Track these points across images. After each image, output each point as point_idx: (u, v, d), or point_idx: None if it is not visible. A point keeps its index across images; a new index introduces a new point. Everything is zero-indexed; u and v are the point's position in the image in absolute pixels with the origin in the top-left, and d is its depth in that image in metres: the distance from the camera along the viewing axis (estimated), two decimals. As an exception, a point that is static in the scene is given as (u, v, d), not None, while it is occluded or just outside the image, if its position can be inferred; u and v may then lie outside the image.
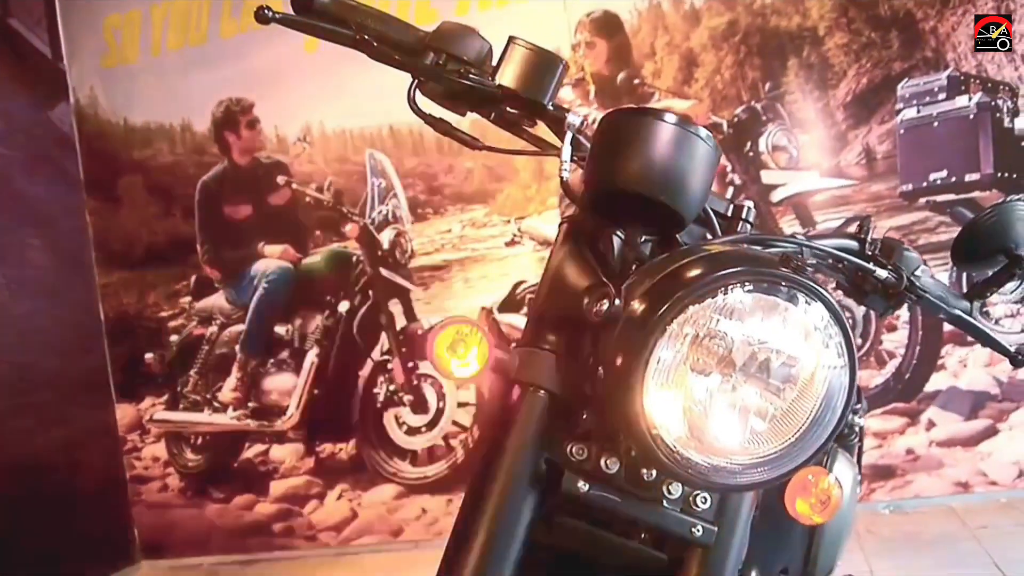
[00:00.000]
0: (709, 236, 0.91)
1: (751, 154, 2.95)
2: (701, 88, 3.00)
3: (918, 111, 2.81)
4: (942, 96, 2.78)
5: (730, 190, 2.97)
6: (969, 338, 2.81)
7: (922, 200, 2.82)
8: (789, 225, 2.93)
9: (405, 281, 3.36)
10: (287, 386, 3.51)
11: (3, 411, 3.14)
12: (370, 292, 3.39)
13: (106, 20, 3.60)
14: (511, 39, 0.94)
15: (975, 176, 2.77)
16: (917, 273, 1.01)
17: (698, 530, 0.85)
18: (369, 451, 3.41)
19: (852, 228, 1.09)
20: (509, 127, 0.98)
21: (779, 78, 2.93)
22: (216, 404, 3.59)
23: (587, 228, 0.89)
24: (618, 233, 0.87)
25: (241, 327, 3.55)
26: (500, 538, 0.82)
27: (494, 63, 0.94)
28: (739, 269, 0.75)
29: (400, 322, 3.36)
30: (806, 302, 0.75)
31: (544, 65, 0.92)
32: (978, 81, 2.76)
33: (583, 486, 0.83)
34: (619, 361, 0.76)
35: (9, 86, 3.43)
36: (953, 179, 2.79)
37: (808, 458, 0.76)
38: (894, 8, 2.83)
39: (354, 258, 3.40)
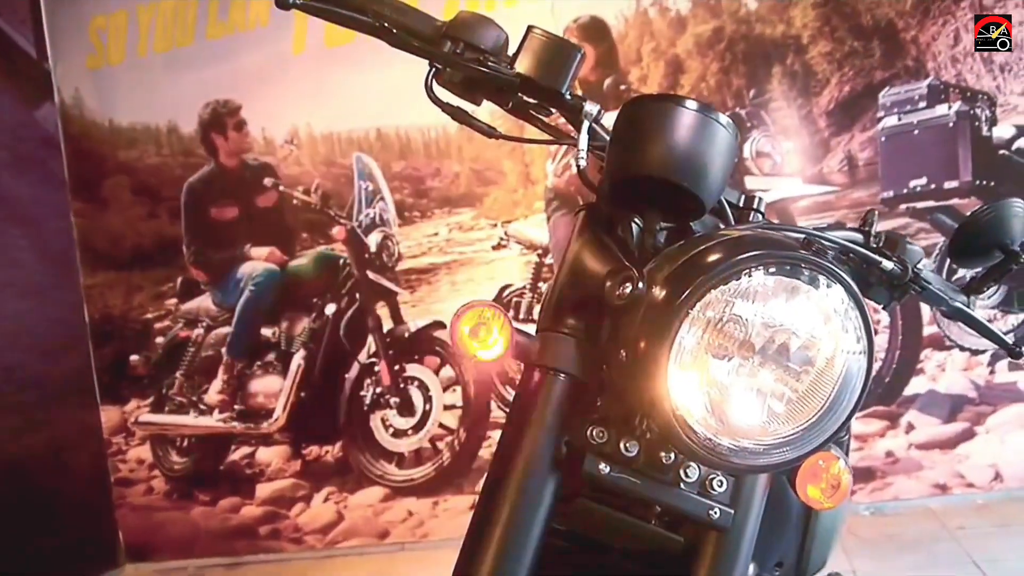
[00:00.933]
0: (722, 226, 0.94)
1: (735, 160, 3.04)
2: (687, 94, 3.08)
3: (899, 119, 2.91)
4: (922, 104, 2.89)
5: (715, 195, 3.06)
6: (947, 343, 2.92)
7: (903, 207, 2.93)
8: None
9: (392, 284, 3.44)
10: (273, 388, 3.57)
11: (-17, 413, 3.20)
12: (357, 295, 3.47)
13: (92, 21, 3.65)
14: (530, 28, 0.95)
15: (954, 183, 2.87)
16: (920, 266, 1.05)
17: (716, 513, 0.88)
18: (355, 453, 3.48)
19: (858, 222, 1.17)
20: (525, 116, 1.00)
21: (763, 85, 3.02)
22: (202, 406, 3.65)
23: (605, 216, 0.93)
24: (636, 220, 0.89)
25: (227, 329, 3.61)
26: (521, 521, 0.85)
27: (511, 53, 0.96)
28: (761, 252, 0.78)
29: (387, 325, 3.43)
30: (827, 285, 0.78)
31: (562, 54, 0.94)
32: (957, 90, 2.87)
33: (604, 468, 0.86)
34: (642, 344, 0.78)
35: (-6, 86, 3.48)
36: (933, 186, 2.90)
37: (825, 441, 0.80)
38: (876, 18, 2.93)
39: (341, 261, 3.47)
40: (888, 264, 0.97)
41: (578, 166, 0.89)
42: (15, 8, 3.59)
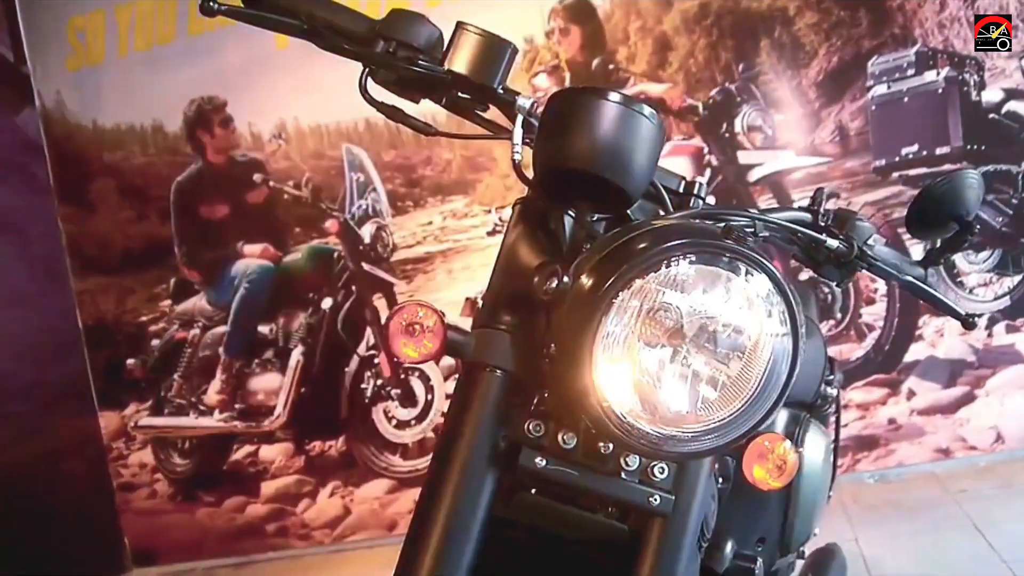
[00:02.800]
0: (662, 212, 0.97)
1: (727, 135, 3.17)
2: (675, 71, 3.20)
3: (888, 87, 3.03)
4: (911, 72, 3.00)
5: (707, 171, 3.18)
6: (945, 308, 3.03)
7: (895, 175, 3.05)
8: (766, 204, 3.15)
9: (388, 275, 3.55)
10: (273, 386, 3.69)
11: (-21, 423, 3.31)
12: (353, 287, 3.58)
13: (70, 21, 3.73)
14: (459, 24, 0.97)
15: (945, 149, 3.00)
16: (870, 242, 1.10)
17: (655, 499, 0.90)
18: (359, 447, 3.61)
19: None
20: (462, 112, 1.03)
21: (752, 59, 3.13)
22: (202, 407, 3.77)
23: (539, 209, 0.96)
24: (569, 212, 0.93)
25: (224, 328, 3.72)
26: (461, 518, 0.88)
27: (445, 49, 0.98)
28: (682, 242, 0.81)
29: (384, 316, 3.54)
30: (748, 272, 0.81)
31: (493, 50, 0.97)
32: (945, 56, 2.99)
33: (540, 461, 0.89)
34: (569, 337, 0.82)
35: (-31, 94, 3.57)
36: (924, 153, 3.02)
37: (758, 423, 0.84)
38: (862, -14, 3.05)
39: (335, 254, 3.58)
40: (833, 242, 1.03)
41: (513, 160, 0.91)
42: (-14, 12, 3.68)
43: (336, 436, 3.63)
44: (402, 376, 3.54)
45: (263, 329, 3.69)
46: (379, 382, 3.56)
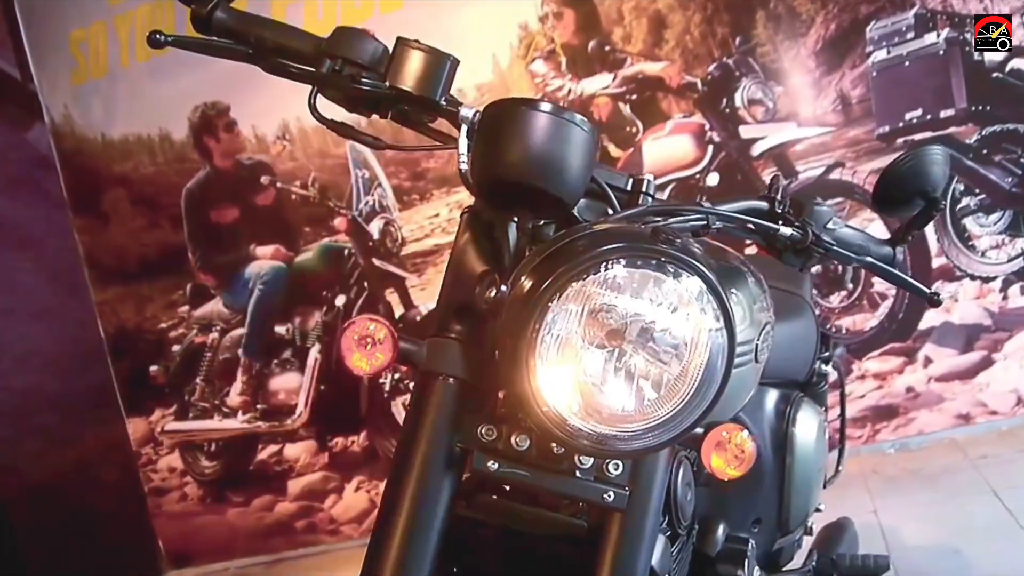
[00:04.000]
0: (610, 212, 0.99)
1: (727, 110, 3.16)
2: (672, 49, 3.20)
3: (888, 52, 3.00)
4: (910, 35, 2.97)
5: (710, 148, 3.18)
6: (957, 273, 3.03)
7: (900, 140, 3.02)
8: (770, 177, 3.14)
9: (398, 269, 3.59)
10: (293, 385, 3.75)
11: (9, 438, 3.39)
12: (365, 283, 3.63)
13: (71, 35, 3.80)
14: (399, 40, 0.99)
15: (950, 112, 2.97)
16: (830, 226, 1.11)
17: (609, 496, 0.92)
18: (381, 440, 3.66)
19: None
20: (410, 125, 1.05)
21: (748, 32, 3.12)
22: (225, 409, 3.85)
23: (485, 217, 0.97)
24: (515, 220, 0.94)
25: (241, 331, 3.79)
26: (421, 524, 0.91)
27: (387, 65, 0.99)
28: (614, 246, 0.83)
29: (398, 310, 3.59)
30: (679, 273, 0.84)
31: (434, 63, 0.97)
32: (945, 17, 2.95)
33: (492, 465, 0.91)
34: (507, 344, 0.84)
35: (-21, 112, 3.66)
36: (928, 117, 2.99)
37: (701, 416, 0.86)
38: (856, -50, 3.02)
39: (346, 251, 3.63)
40: (786, 230, 1.06)
41: (460, 169, 0.93)
42: (-8, 33, 3.76)
43: (358, 431, 3.69)
44: (419, 369, 3.57)
45: (280, 329, 3.75)
46: (397, 376, 3.60)
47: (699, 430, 0.94)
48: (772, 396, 1.58)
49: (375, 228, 3.58)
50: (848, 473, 2.96)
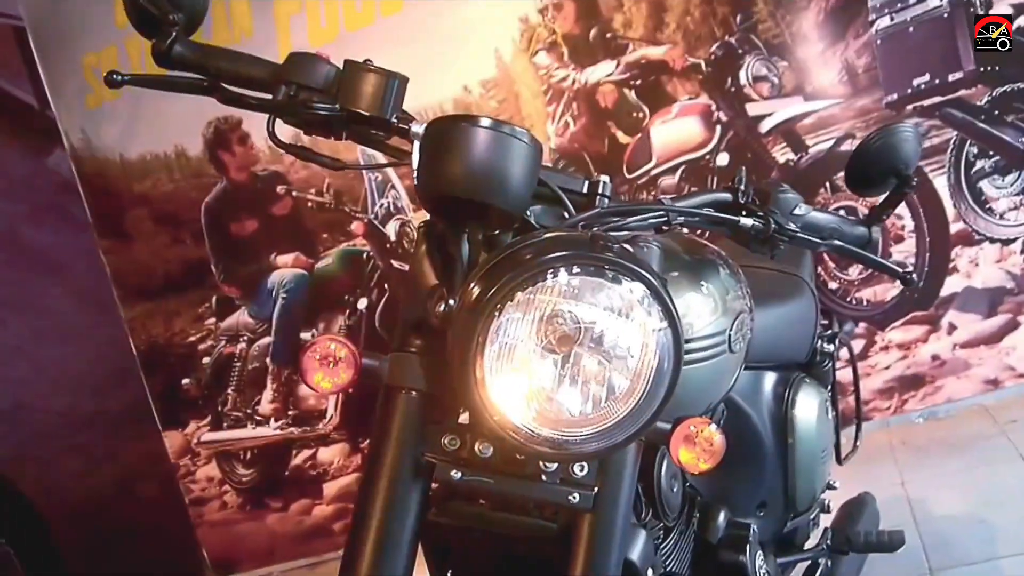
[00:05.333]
0: (566, 216, 1.00)
1: (733, 89, 3.15)
2: (673, 32, 3.19)
3: (891, 19, 2.97)
4: (913, 0, 2.94)
5: (718, 128, 3.18)
6: (976, 237, 3.01)
7: (909, 107, 2.99)
8: (782, 154, 3.13)
9: (417, 269, 3.62)
10: (322, 389, 3.80)
11: (49, 458, 3.49)
12: (385, 285, 3.67)
13: (84, 61, 3.87)
14: (347, 63, 1.02)
15: (958, 75, 2.93)
16: (797, 211, 1.13)
17: (575, 497, 0.94)
18: (411, 439, 3.70)
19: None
20: (367, 143, 1.07)
21: (749, 9, 3.09)
22: (257, 418, 3.91)
23: (439, 231, 0.99)
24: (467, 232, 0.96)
25: (268, 339, 3.85)
26: (391, 537, 0.94)
27: (337, 88, 1.02)
28: (558, 254, 0.85)
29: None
30: (621, 278, 0.86)
31: (382, 83, 1.00)
32: (947, -22, 2.92)
33: (456, 474, 0.94)
34: (457, 356, 0.86)
35: (1, 143, 3.75)
36: (937, 81, 2.95)
37: (655, 412, 0.88)
38: (851, -83, 2.99)
39: (364, 255, 3.67)
40: (747, 221, 1.08)
41: (415, 185, 0.95)
42: (7, 63, 3.84)
43: (388, 431, 3.72)
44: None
45: (305, 335, 3.81)
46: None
47: (666, 425, 0.97)
48: (770, 379, 1.59)
49: (391, 230, 3.62)
50: (876, 446, 2.98)
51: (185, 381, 3.98)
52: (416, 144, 0.97)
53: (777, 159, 3.14)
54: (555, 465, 0.94)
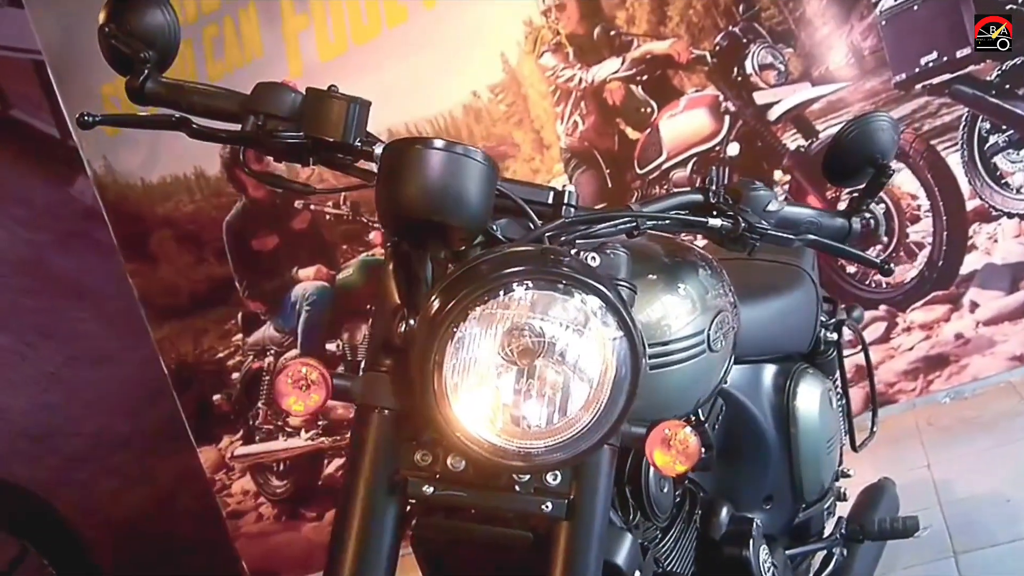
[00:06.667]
0: (532, 227, 1.01)
1: (739, 79, 3.14)
2: (677, 25, 3.19)
3: (895, -2, 2.95)
4: (916, -23, 2.92)
5: (727, 119, 3.16)
6: (994, 212, 2.97)
7: (918, 86, 2.96)
8: (792, 140, 3.12)
9: (436, 275, 3.65)
10: (349, 399, 3.85)
11: (87, 480, 3.56)
12: (406, 292, 3.70)
13: (103, 90, 3.94)
14: (308, 91, 1.04)
15: (966, 51, 2.89)
16: (771, 208, 1.12)
17: (547, 506, 0.95)
18: (440, 444, 3.73)
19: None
20: (334, 167, 1.09)
21: (751, -3, 3.09)
22: (288, 429, 3.97)
23: (403, 249, 1.00)
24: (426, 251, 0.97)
25: (295, 352, 3.90)
26: (368, 554, 0.96)
27: (300, 116, 1.04)
28: (513, 270, 0.87)
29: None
30: (573, 291, 0.87)
31: (344, 108, 1.02)
32: (949, -47, 2.88)
33: (428, 489, 0.96)
34: (417, 375, 0.87)
35: (25, 174, 3.84)
36: (945, 59, 2.92)
37: (619, 417, 0.89)
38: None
39: (384, 264, 3.71)
40: (716, 222, 1.08)
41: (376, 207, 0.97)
42: (29, 97, 3.94)
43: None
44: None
45: (330, 347, 3.85)
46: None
47: (640, 430, 0.98)
48: (770, 371, 1.59)
49: (409, 237, 3.64)
50: (902, 428, 2.96)
51: (216, 397, 4.05)
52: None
53: (788, 146, 3.12)
54: (528, 475, 0.95)
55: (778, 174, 3.13)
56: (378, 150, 1.01)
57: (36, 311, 3.70)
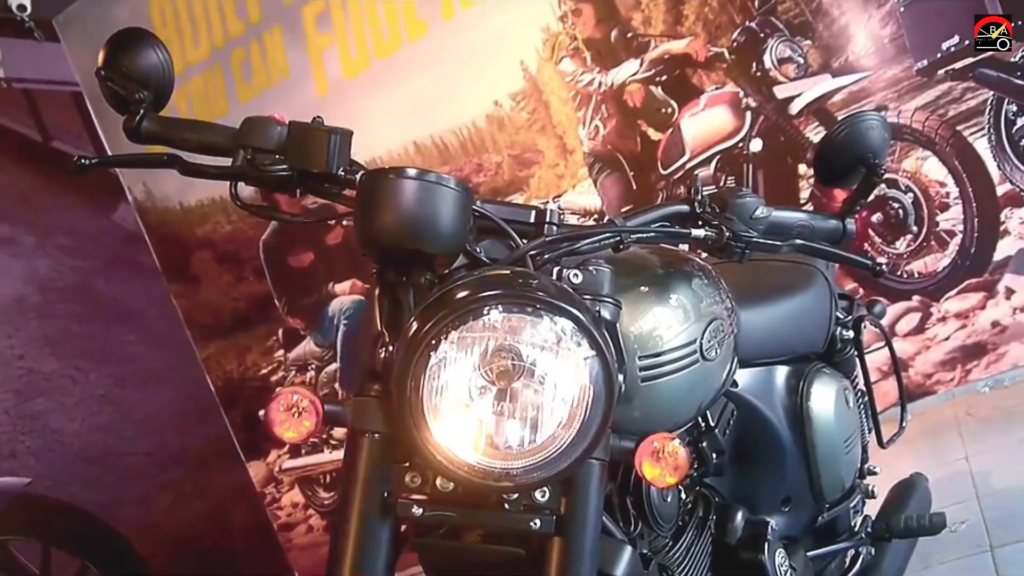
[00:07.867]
0: (514, 246, 1.02)
1: (759, 74, 3.09)
2: (693, 23, 3.16)
3: (913, -16, 2.89)
4: (933, -39, 2.85)
5: (748, 115, 3.12)
6: (1024, 194, 2.87)
7: (940, 72, 2.89)
8: (815, 133, 3.07)
9: (469, 283, 3.66)
10: (390, 409, 3.88)
11: (141, 498, 3.63)
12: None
13: (138, 118, 4.03)
14: (291, 124, 1.05)
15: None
16: (758, 214, 1.11)
17: (536, 524, 0.95)
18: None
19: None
20: (321, 196, 1.11)
21: (766, -9, 3.05)
22: (333, 442, 4.00)
23: (387, 277, 1.01)
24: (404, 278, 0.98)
25: (335, 365, 3.95)
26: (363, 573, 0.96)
27: (285, 149, 1.05)
28: (485, 294, 0.88)
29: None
30: (543, 313, 0.89)
31: (326, 139, 1.03)
32: (966, -66, 2.81)
33: (417, 510, 0.96)
34: (397, 399, 0.89)
35: (69, 204, 3.92)
36: (967, 42, 2.84)
37: (599, 431, 0.90)
38: None
39: (416, 274, 3.73)
40: (700, 233, 1.07)
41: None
42: (69, 128, 4.02)
43: (457, 445, 3.77)
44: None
45: (369, 359, 3.88)
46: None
47: (629, 443, 0.97)
48: (783, 373, 1.57)
49: (439, 248, 3.66)
50: (941, 419, 2.90)
51: (262, 412, 4.08)
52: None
53: (811, 139, 3.07)
54: (515, 493, 0.95)
55: (802, 168, 3.08)
56: (361, 179, 1.02)
57: (85, 336, 3.78)
